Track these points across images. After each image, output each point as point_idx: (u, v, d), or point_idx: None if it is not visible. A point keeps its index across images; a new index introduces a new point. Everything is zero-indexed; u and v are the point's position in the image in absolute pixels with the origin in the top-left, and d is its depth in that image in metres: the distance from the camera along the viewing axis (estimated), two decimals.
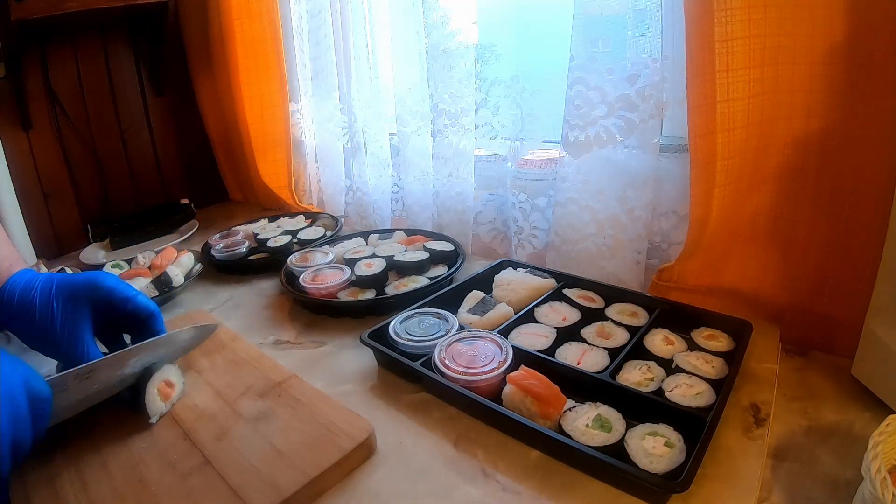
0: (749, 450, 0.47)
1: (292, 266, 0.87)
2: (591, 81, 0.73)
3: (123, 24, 1.22)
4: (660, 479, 0.42)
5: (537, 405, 0.49)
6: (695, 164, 0.60)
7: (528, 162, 0.90)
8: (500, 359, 0.56)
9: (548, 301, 0.70)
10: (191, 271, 0.92)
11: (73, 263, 1.05)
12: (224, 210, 1.41)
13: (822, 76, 0.55)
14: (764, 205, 0.63)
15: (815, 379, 0.58)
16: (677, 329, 0.62)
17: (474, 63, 0.90)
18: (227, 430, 0.52)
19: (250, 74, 1.16)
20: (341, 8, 1.11)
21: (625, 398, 0.51)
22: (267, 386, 0.58)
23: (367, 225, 1.17)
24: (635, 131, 0.73)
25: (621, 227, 0.78)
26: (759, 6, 0.54)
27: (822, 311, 0.61)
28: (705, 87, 0.56)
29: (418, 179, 1.04)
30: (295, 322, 0.78)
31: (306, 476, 0.45)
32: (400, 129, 1.02)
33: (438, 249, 0.88)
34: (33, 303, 0.49)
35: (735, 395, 0.52)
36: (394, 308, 0.73)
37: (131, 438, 0.52)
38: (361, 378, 0.62)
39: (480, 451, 0.50)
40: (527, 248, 0.91)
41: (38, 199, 1.15)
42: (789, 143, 0.59)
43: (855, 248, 0.57)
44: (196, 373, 0.62)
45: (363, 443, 0.49)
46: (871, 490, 0.35)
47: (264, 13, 1.11)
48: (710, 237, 0.64)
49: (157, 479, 0.46)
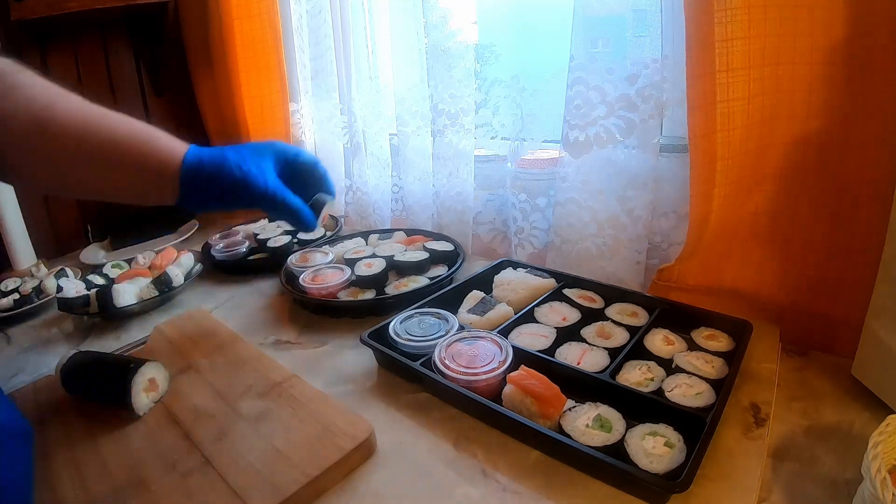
0: (749, 450, 0.47)
1: (292, 266, 0.87)
2: (590, 81, 0.73)
3: (123, 24, 1.22)
4: (660, 479, 0.42)
5: (537, 405, 0.49)
6: (695, 164, 0.60)
7: (528, 162, 0.90)
8: (500, 359, 0.56)
9: (548, 301, 0.70)
10: (191, 271, 0.92)
11: (73, 263, 1.05)
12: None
13: (822, 76, 0.55)
14: (764, 205, 0.63)
15: (815, 379, 0.58)
16: (677, 329, 0.62)
17: (474, 63, 0.90)
18: (227, 430, 0.52)
19: (250, 74, 1.16)
20: (341, 8, 1.11)
21: (625, 398, 0.51)
22: (267, 386, 0.58)
23: (367, 225, 1.17)
24: (635, 131, 0.73)
25: (621, 227, 0.78)
26: (759, 6, 0.54)
27: (822, 311, 0.61)
28: (705, 87, 0.56)
29: (418, 179, 1.04)
30: (295, 322, 0.78)
31: (306, 476, 0.45)
32: (400, 129, 1.02)
33: (438, 249, 0.88)
34: (225, 158, 0.55)
35: (735, 395, 0.52)
36: (394, 308, 0.73)
37: (131, 439, 0.52)
38: (361, 378, 0.62)
39: (480, 451, 0.50)
40: (527, 248, 0.91)
41: (38, 199, 1.15)
42: (789, 143, 0.59)
43: (855, 248, 0.57)
44: (196, 373, 0.62)
45: (363, 443, 0.49)
46: (871, 490, 0.35)
47: (264, 13, 1.11)
48: (710, 237, 0.64)
49: (157, 480, 0.46)
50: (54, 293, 0.87)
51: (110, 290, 0.80)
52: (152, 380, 0.57)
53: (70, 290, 0.83)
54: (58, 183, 0.54)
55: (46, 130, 0.49)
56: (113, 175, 0.54)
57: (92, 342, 0.77)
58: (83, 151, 0.51)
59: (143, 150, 0.53)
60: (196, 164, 0.54)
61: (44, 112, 0.49)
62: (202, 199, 0.56)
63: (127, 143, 0.53)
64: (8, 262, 1.03)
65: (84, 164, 0.52)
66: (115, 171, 0.53)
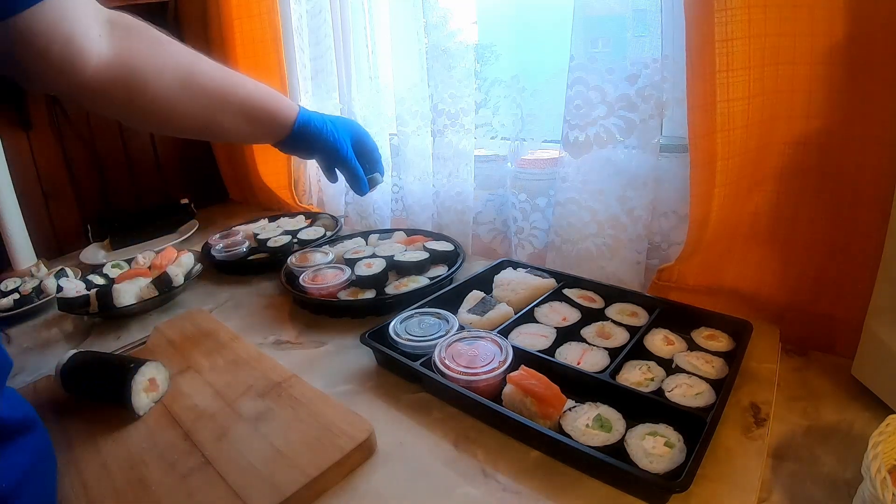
0: (749, 450, 0.47)
1: (292, 266, 0.87)
2: (590, 81, 0.73)
3: None
4: (660, 479, 0.42)
5: (537, 405, 0.49)
6: (695, 164, 0.60)
7: (528, 162, 0.89)
8: (500, 359, 0.56)
9: (548, 301, 0.70)
10: (191, 271, 0.92)
11: (73, 263, 1.05)
12: (224, 210, 1.41)
13: (822, 76, 0.55)
14: (764, 205, 0.63)
15: (815, 379, 0.58)
16: (677, 329, 0.62)
17: (474, 63, 0.90)
18: (227, 430, 0.52)
19: (250, 74, 1.15)
20: (341, 8, 1.11)
21: (625, 398, 0.51)
22: (267, 386, 0.58)
23: (367, 225, 1.17)
24: (635, 131, 0.73)
25: (621, 227, 0.78)
26: (759, 6, 0.54)
27: (822, 311, 0.61)
28: (705, 87, 0.56)
29: (418, 179, 1.04)
30: (295, 322, 0.78)
31: (306, 476, 0.45)
32: (400, 129, 1.02)
33: (438, 249, 0.88)
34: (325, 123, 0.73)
35: (735, 395, 0.52)
36: (394, 308, 0.73)
37: (131, 439, 0.52)
38: (361, 378, 0.62)
39: (480, 451, 0.50)
40: (527, 248, 0.91)
41: (38, 199, 1.15)
42: (789, 143, 0.59)
43: (855, 248, 0.57)
44: (196, 373, 0.62)
45: (363, 443, 0.49)
46: (871, 490, 0.35)
47: (264, 13, 1.11)
48: (709, 237, 0.64)
49: (157, 480, 0.46)
50: (54, 293, 0.87)
51: (110, 290, 0.80)
52: (152, 380, 0.57)
53: (70, 290, 0.84)
54: (197, 128, 0.64)
55: (193, 83, 0.58)
56: (245, 124, 0.65)
57: (92, 342, 0.77)
58: (224, 103, 0.62)
59: (270, 107, 0.67)
60: (305, 125, 0.70)
61: (191, 67, 0.58)
62: (299, 148, 0.73)
63: (258, 100, 0.66)
64: (8, 262, 1.03)
65: (223, 115, 0.62)
66: (247, 121, 0.65)
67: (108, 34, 0.50)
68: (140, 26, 0.54)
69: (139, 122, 0.62)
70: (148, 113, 0.57)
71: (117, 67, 0.51)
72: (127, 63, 0.51)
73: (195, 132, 0.65)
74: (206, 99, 0.60)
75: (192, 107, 0.59)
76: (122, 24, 0.52)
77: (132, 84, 0.52)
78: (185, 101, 0.58)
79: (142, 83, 0.53)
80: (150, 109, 0.56)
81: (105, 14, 0.51)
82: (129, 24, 0.53)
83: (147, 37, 0.54)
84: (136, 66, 0.52)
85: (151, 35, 0.55)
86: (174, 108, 0.57)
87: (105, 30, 0.50)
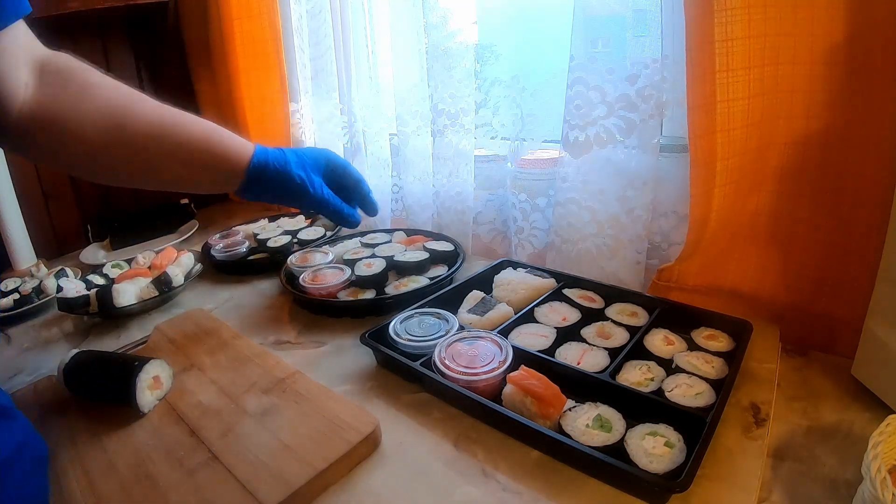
0: (749, 450, 0.47)
1: (292, 266, 0.87)
2: (590, 81, 0.73)
3: (123, 24, 1.22)
4: (660, 479, 0.42)
5: (537, 405, 0.49)
6: (695, 164, 0.60)
7: (528, 162, 0.89)
8: (500, 359, 0.56)
9: (548, 301, 0.70)
10: (191, 271, 0.92)
11: (73, 263, 1.05)
12: (224, 210, 1.41)
13: (822, 76, 0.55)
14: (764, 205, 0.63)
15: (815, 379, 0.58)
16: (677, 329, 0.62)
17: (474, 63, 0.90)
18: (232, 425, 0.52)
19: (250, 74, 1.16)
20: (341, 8, 1.11)
21: (625, 398, 0.51)
22: (271, 382, 0.58)
23: (368, 225, 1.17)
24: (635, 131, 0.73)
25: (621, 227, 0.78)
26: (759, 6, 0.54)
27: (822, 311, 0.61)
28: (705, 87, 0.56)
29: (418, 179, 1.04)
30: (295, 322, 0.78)
31: (314, 469, 0.45)
32: (400, 129, 1.02)
33: (438, 249, 0.88)
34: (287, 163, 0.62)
35: (735, 395, 0.52)
36: (394, 308, 0.73)
37: (136, 437, 0.52)
38: (361, 378, 0.62)
39: (480, 451, 0.50)
40: (527, 248, 0.91)
41: (38, 199, 1.15)
42: (789, 143, 0.59)
43: (855, 248, 0.57)
44: (199, 371, 0.62)
45: (369, 436, 0.49)
46: (871, 490, 0.35)
47: (264, 13, 1.11)
48: (710, 237, 0.64)
49: (164, 476, 0.46)
50: (54, 293, 0.87)
51: (110, 290, 0.80)
52: (156, 377, 0.58)
53: (70, 290, 0.83)
54: (131, 178, 0.58)
55: (125, 131, 0.53)
56: (186, 172, 0.58)
57: (92, 342, 0.77)
58: (161, 151, 0.55)
59: (217, 151, 0.58)
60: (262, 166, 0.60)
61: (123, 111, 0.53)
62: (260, 193, 0.62)
63: (201, 143, 0.57)
64: (8, 262, 1.03)
65: (160, 163, 0.56)
66: (189, 168, 0.58)
67: (35, 80, 0.49)
68: (72, 70, 0.52)
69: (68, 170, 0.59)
70: (73, 161, 0.54)
71: (39, 115, 0.49)
72: (48, 110, 0.49)
73: (134, 181, 0.59)
74: (138, 146, 0.54)
75: (121, 154, 0.54)
76: (53, 69, 0.51)
77: (52, 131, 0.50)
78: (115, 149, 0.53)
79: (61, 131, 0.50)
80: (74, 157, 0.53)
81: (38, 57, 0.50)
82: (60, 69, 0.51)
83: (77, 82, 0.52)
84: (58, 114, 0.50)
85: (82, 80, 0.52)
86: (98, 156, 0.53)
87: (33, 75, 0.49)
